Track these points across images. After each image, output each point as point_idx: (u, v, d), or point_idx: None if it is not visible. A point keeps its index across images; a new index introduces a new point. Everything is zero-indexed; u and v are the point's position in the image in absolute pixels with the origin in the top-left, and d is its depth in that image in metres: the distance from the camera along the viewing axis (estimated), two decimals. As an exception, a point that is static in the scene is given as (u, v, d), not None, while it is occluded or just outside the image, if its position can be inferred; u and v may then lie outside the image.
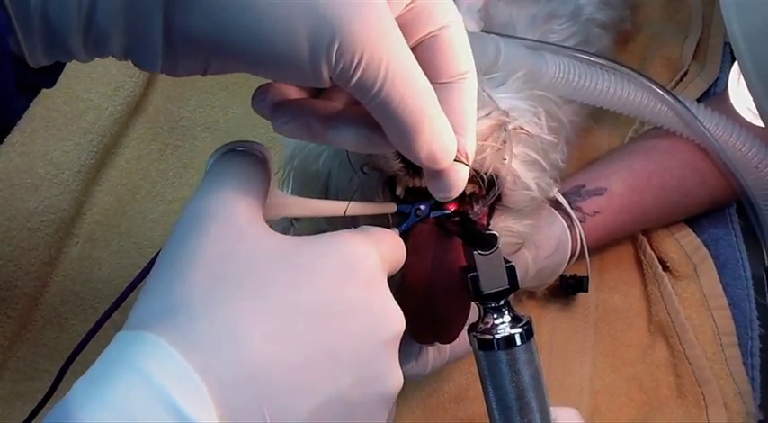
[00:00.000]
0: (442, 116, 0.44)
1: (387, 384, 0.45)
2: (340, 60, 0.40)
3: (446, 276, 0.61)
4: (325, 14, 0.39)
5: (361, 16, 0.40)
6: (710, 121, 0.83)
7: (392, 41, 0.41)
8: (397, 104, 0.42)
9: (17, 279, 0.91)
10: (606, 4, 0.96)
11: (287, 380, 0.40)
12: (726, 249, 0.93)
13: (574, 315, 0.91)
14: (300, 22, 0.39)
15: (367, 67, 0.40)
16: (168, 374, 0.38)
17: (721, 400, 0.85)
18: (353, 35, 0.40)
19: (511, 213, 0.69)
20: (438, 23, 0.44)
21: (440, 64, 0.45)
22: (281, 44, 0.40)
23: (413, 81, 0.42)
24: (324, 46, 0.40)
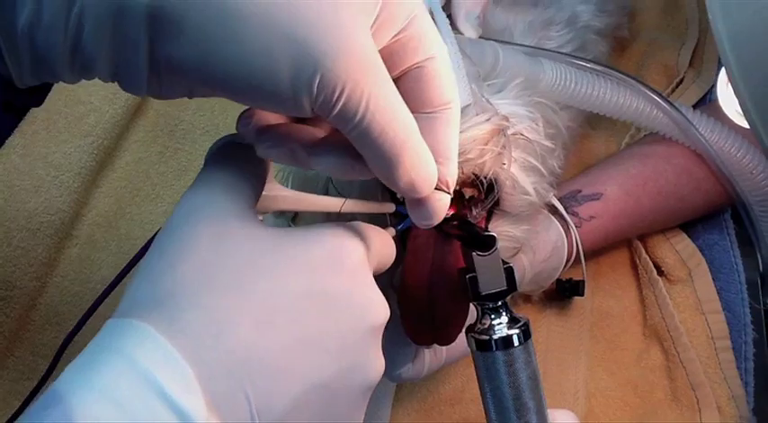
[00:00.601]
0: (423, 146, 0.45)
1: (369, 372, 0.46)
2: (321, 93, 0.40)
3: (445, 279, 0.62)
4: (308, 48, 0.39)
5: (344, 50, 0.40)
6: (706, 128, 0.84)
7: (374, 75, 0.41)
8: (377, 135, 0.42)
9: (16, 279, 0.92)
10: (603, 11, 0.96)
11: (271, 366, 0.42)
12: (720, 254, 0.94)
13: (569, 319, 0.92)
14: (282, 54, 0.40)
15: (348, 100, 0.41)
16: (155, 360, 0.39)
17: (715, 404, 0.86)
18: (335, 69, 0.40)
19: (508, 218, 0.70)
20: (424, 55, 0.45)
21: (424, 95, 0.45)
22: (262, 75, 0.40)
23: (394, 113, 0.43)
24: (305, 79, 0.40)
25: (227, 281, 0.42)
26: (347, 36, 0.40)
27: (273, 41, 0.39)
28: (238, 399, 0.40)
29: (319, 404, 0.44)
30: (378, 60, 0.42)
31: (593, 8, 0.95)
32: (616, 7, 1.01)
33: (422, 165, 0.45)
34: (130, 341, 0.40)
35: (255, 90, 0.41)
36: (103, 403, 0.37)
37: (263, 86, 0.41)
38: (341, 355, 0.44)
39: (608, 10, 0.98)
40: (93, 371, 0.39)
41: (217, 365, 0.40)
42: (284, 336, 0.42)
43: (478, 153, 0.62)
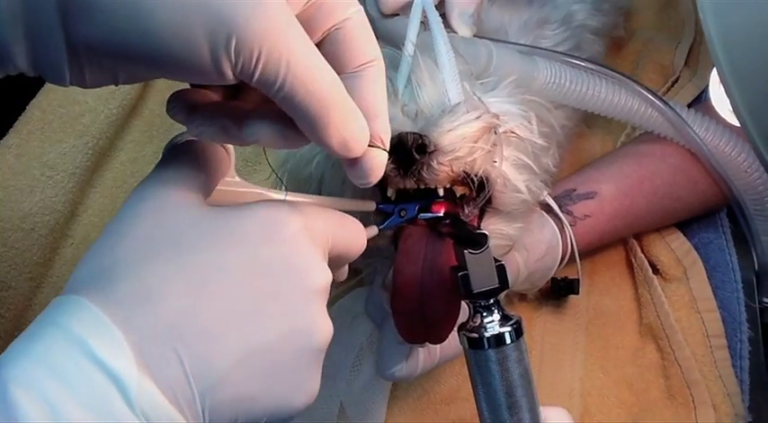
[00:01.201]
0: (350, 104, 0.46)
1: (314, 337, 0.47)
2: (239, 57, 0.41)
3: (436, 277, 0.62)
4: (220, 12, 0.40)
5: (257, 12, 0.40)
6: (701, 127, 0.84)
7: (290, 35, 0.42)
8: (302, 97, 0.43)
9: (11, 279, 0.92)
10: (598, 10, 0.97)
11: (207, 331, 0.43)
12: (716, 253, 0.94)
13: (565, 317, 0.92)
14: (196, 21, 0.40)
15: (267, 62, 0.41)
16: (87, 327, 0.41)
17: (710, 402, 0.86)
18: (250, 31, 0.40)
19: (501, 216, 0.70)
20: (340, 17, 0.46)
21: (346, 55, 0.46)
22: (179, 46, 0.40)
23: (316, 73, 0.43)
24: (222, 44, 0.40)
25: (163, 254, 0.44)
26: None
27: (186, 9, 0.40)
28: (171, 361, 0.42)
29: (262, 367, 0.45)
30: (293, 21, 0.42)
31: (588, 7, 0.95)
32: (612, 6, 1.01)
33: (351, 122, 0.45)
34: (65, 313, 0.42)
35: (176, 62, 0.41)
36: (36, 367, 0.40)
37: (182, 57, 0.41)
38: (281, 319, 0.46)
39: (604, 9, 0.98)
40: (30, 341, 0.41)
41: (148, 330, 0.42)
42: (219, 301, 0.44)
43: (468, 151, 0.62)
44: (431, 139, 0.61)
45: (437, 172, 0.62)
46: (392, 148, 0.61)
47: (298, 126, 0.45)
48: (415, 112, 0.64)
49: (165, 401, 0.42)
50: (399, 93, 0.65)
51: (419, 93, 0.65)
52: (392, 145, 0.61)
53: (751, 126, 0.61)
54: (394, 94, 0.64)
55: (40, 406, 0.39)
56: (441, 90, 0.65)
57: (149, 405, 0.41)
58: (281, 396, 0.47)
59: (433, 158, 0.62)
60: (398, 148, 0.61)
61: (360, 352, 0.82)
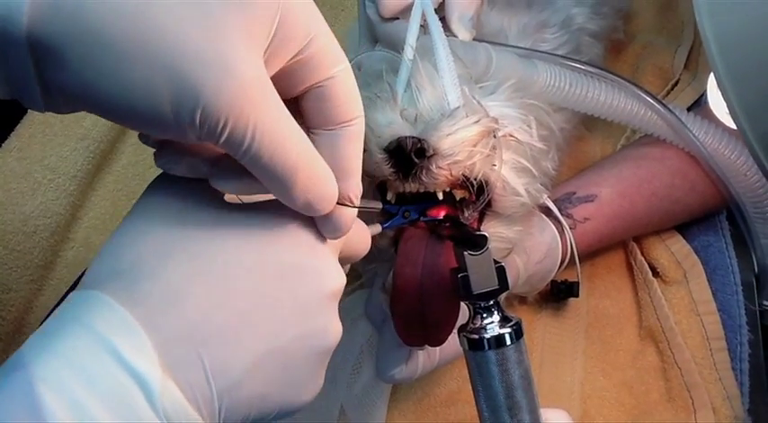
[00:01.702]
0: (318, 167, 0.46)
1: (326, 338, 0.49)
2: (204, 124, 0.40)
3: (436, 280, 0.62)
4: (188, 82, 0.39)
5: (226, 83, 0.40)
6: (700, 130, 0.84)
7: (260, 104, 0.41)
8: (267, 160, 0.43)
9: (13, 282, 0.92)
10: (598, 13, 0.97)
11: (226, 333, 0.44)
12: (716, 256, 0.94)
13: (565, 320, 0.92)
14: (162, 86, 0.39)
15: (233, 130, 0.41)
16: (112, 327, 0.41)
17: (710, 405, 0.86)
18: (217, 102, 0.40)
19: (501, 219, 0.70)
20: (324, 75, 0.45)
21: (325, 114, 0.46)
22: (144, 106, 0.40)
23: (283, 140, 0.43)
24: (187, 111, 0.40)
25: (186, 254, 0.45)
26: (230, 68, 0.40)
27: (153, 74, 0.39)
28: (193, 363, 0.43)
29: (276, 368, 0.46)
30: (265, 88, 0.42)
31: (588, 10, 0.95)
32: (611, 10, 1.01)
33: (317, 185, 0.46)
34: (90, 310, 0.42)
35: (139, 119, 0.41)
36: (63, 367, 0.40)
37: (146, 116, 0.41)
38: (297, 322, 0.47)
39: (603, 12, 0.98)
40: (54, 338, 0.41)
41: (171, 332, 0.43)
42: (239, 303, 0.45)
43: (467, 155, 0.62)
44: (430, 143, 0.61)
45: (436, 176, 0.62)
46: (392, 153, 0.61)
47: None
48: (415, 116, 0.64)
49: (185, 402, 0.43)
50: (399, 97, 0.65)
51: (419, 97, 0.65)
52: (391, 149, 0.61)
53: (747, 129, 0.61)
54: (393, 98, 0.64)
55: (67, 406, 0.39)
56: (440, 94, 0.65)
57: (171, 406, 0.42)
58: (291, 394, 0.48)
59: (433, 162, 0.62)
60: (398, 153, 0.61)
61: (360, 354, 0.82)
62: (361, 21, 0.78)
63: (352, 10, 1.14)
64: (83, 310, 0.43)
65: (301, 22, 0.43)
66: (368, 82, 0.73)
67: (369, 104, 0.66)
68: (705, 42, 0.60)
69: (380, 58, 0.74)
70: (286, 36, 0.43)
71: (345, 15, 1.15)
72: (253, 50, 0.41)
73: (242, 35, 0.41)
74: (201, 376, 0.43)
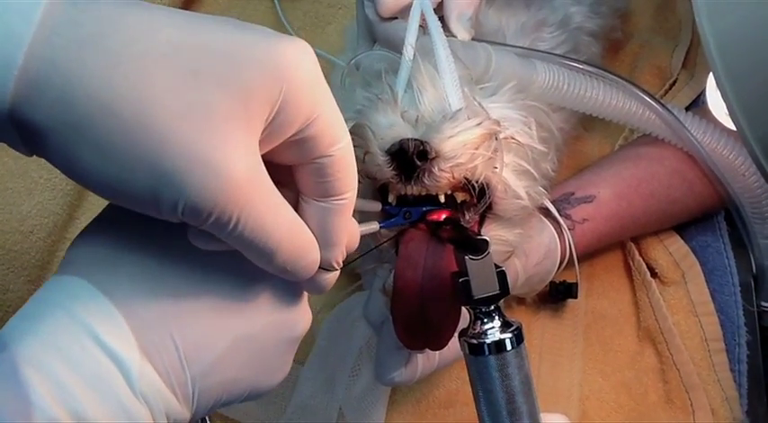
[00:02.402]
0: (301, 239, 0.46)
1: (296, 328, 0.51)
2: (186, 214, 0.41)
3: (437, 283, 0.62)
4: (171, 178, 0.39)
5: (211, 180, 0.39)
6: (698, 129, 0.84)
7: (246, 200, 0.41)
8: (249, 242, 0.43)
9: (10, 282, 0.91)
10: (596, 12, 0.96)
11: (199, 320, 0.46)
12: (714, 256, 0.94)
13: (563, 321, 0.92)
14: (145, 181, 0.39)
15: (217, 220, 0.41)
16: (92, 312, 0.43)
17: (708, 406, 0.86)
18: (201, 199, 0.40)
19: (501, 222, 0.70)
20: (323, 153, 0.45)
21: (318, 188, 0.46)
22: (126, 190, 0.40)
23: (269, 224, 0.43)
24: (169, 205, 0.40)
25: (160, 241, 0.46)
26: (218, 166, 0.40)
27: (136, 169, 0.39)
28: (168, 348, 0.45)
29: (248, 354, 0.48)
30: (255, 183, 0.42)
31: (586, 10, 0.95)
32: (609, 9, 1.01)
33: (299, 258, 0.46)
34: (70, 295, 0.44)
35: (121, 199, 0.42)
36: (46, 349, 0.42)
37: (127, 200, 0.41)
38: (268, 311, 0.49)
39: (601, 12, 0.98)
40: (36, 322, 0.43)
41: (148, 316, 0.45)
42: (212, 291, 0.47)
43: (469, 157, 0.62)
44: (432, 145, 0.61)
45: (438, 178, 0.62)
46: (394, 155, 0.61)
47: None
48: (416, 117, 0.63)
49: (162, 385, 0.44)
50: (399, 98, 0.65)
51: (420, 98, 0.65)
52: (393, 151, 0.61)
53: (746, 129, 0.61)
54: (394, 99, 0.64)
55: (51, 387, 0.41)
56: (441, 95, 0.65)
57: (148, 388, 0.44)
58: (261, 378, 0.50)
59: (435, 165, 0.62)
60: (400, 155, 0.61)
61: (359, 357, 0.82)
62: (360, 20, 0.78)
63: (349, 8, 1.13)
64: (62, 294, 0.44)
65: (304, 106, 0.42)
66: (367, 81, 0.73)
67: (369, 105, 0.65)
68: (704, 43, 0.60)
69: (379, 58, 0.74)
70: (286, 120, 0.42)
71: (343, 14, 1.14)
72: (246, 139, 0.41)
73: (237, 125, 0.40)
74: (176, 361, 0.45)
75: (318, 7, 1.15)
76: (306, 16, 1.15)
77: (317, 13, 1.15)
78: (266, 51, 0.41)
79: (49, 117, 0.39)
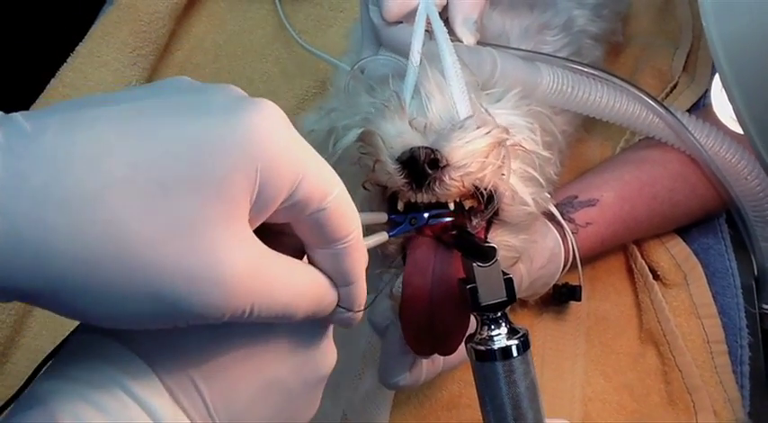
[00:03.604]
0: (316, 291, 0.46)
1: (322, 366, 0.50)
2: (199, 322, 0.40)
3: (446, 289, 0.62)
4: (175, 305, 0.39)
5: (215, 289, 0.39)
6: (700, 132, 0.84)
7: (252, 288, 0.41)
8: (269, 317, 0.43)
9: (12, 286, 0.91)
10: (598, 16, 0.97)
11: (227, 369, 0.45)
12: (715, 258, 0.94)
13: (565, 323, 0.92)
14: (152, 310, 0.39)
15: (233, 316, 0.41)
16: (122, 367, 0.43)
17: (711, 408, 0.86)
18: (212, 308, 0.39)
19: (508, 228, 0.70)
20: (317, 208, 0.43)
21: (325, 235, 0.45)
22: (139, 321, 0.40)
23: (282, 298, 0.43)
24: (185, 323, 0.40)
25: None
26: (215, 274, 0.39)
27: (139, 301, 0.38)
28: (196, 400, 0.44)
29: (275, 398, 0.48)
30: (258, 272, 0.41)
31: (588, 13, 0.95)
32: (611, 12, 1.01)
33: (314, 306, 0.46)
34: (100, 352, 0.43)
35: (138, 326, 0.41)
36: (83, 404, 0.41)
37: (144, 325, 0.41)
38: (293, 353, 0.48)
39: (603, 15, 0.98)
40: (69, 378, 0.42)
41: (176, 373, 0.44)
42: (236, 340, 0.46)
43: (479, 166, 0.62)
44: (443, 154, 0.61)
45: (449, 187, 0.62)
46: (404, 163, 0.61)
47: None
48: (424, 125, 0.63)
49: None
50: (407, 105, 0.65)
51: (428, 105, 0.65)
52: (404, 160, 0.61)
53: (753, 132, 0.61)
54: (401, 106, 0.64)
55: None
56: (449, 102, 0.65)
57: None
58: (289, 418, 0.49)
59: (446, 173, 0.62)
60: (411, 163, 0.61)
61: (363, 360, 0.82)
62: (365, 24, 0.78)
63: (351, 11, 1.13)
64: (92, 350, 0.44)
65: (285, 174, 0.40)
66: (371, 86, 0.73)
67: (376, 112, 0.65)
68: (712, 47, 0.60)
69: (385, 63, 0.74)
70: (270, 195, 0.41)
71: (344, 17, 1.14)
72: (236, 233, 0.40)
73: (222, 224, 0.39)
74: (204, 412, 0.45)
75: (320, 10, 1.16)
76: (307, 19, 1.15)
77: (318, 16, 1.15)
78: (231, 134, 0.39)
79: (31, 281, 0.37)
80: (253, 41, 1.14)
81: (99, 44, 1.07)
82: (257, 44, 1.14)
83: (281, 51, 1.14)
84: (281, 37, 1.14)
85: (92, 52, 1.07)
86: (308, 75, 1.11)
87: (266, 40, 1.14)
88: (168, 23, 1.11)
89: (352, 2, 1.13)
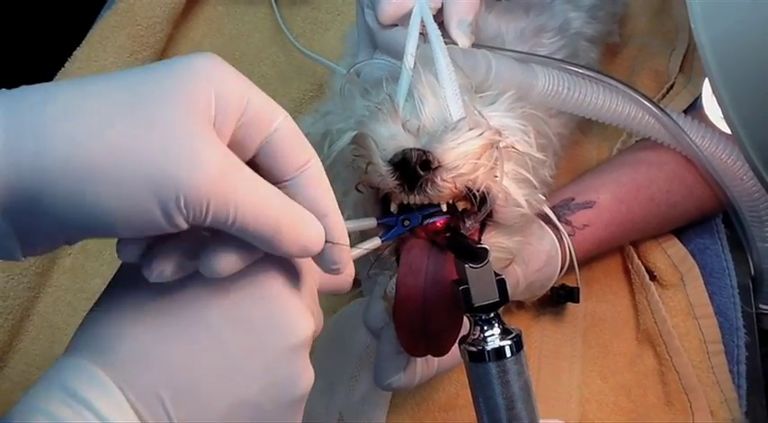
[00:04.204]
0: (298, 216, 0.48)
1: (297, 386, 0.50)
2: (190, 211, 0.43)
3: (439, 291, 0.62)
4: (164, 178, 0.42)
5: (197, 174, 0.43)
6: (697, 133, 0.84)
7: (232, 182, 0.44)
8: (253, 227, 0.45)
9: (10, 289, 0.92)
10: (594, 17, 0.97)
11: (194, 389, 0.47)
12: (712, 259, 0.94)
13: (562, 324, 0.92)
14: (145, 192, 0.42)
15: (216, 210, 0.44)
16: (92, 389, 0.45)
17: (708, 408, 0.86)
18: (195, 189, 0.43)
19: (501, 229, 0.70)
20: (267, 131, 0.48)
21: (280, 165, 0.49)
22: (135, 215, 0.43)
23: (262, 204, 0.46)
24: (172, 204, 0.43)
25: (156, 317, 0.47)
26: (196, 154, 0.43)
27: (131, 183, 0.42)
28: (162, 419, 0.46)
29: (247, 418, 0.48)
30: (233, 164, 0.45)
31: (584, 15, 0.95)
32: (607, 14, 1.01)
33: (303, 231, 0.48)
34: (71, 375, 0.46)
35: (135, 228, 0.44)
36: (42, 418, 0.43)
37: (138, 223, 0.43)
38: (266, 373, 0.49)
39: (599, 17, 0.98)
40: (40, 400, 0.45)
41: (144, 392, 0.46)
42: (206, 359, 0.47)
43: (472, 167, 0.62)
44: (435, 155, 0.61)
45: (441, 188, 0.62)
46: (396, 165, 0.61)
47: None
48: (417, 127, 0.64)
49: None
50: (400, 108, 0.65)
51: (421, 108, 0.65)
52: (396, 161, 0.61)
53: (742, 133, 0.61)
54: (395, 109, 0.64)
55: None
56: (442, 105, 0.65)
57: None
58: None
59: (438, 175, 0.62)
60: (403, 165, 0.61)
61: (358, 362, 0.82)
62: (360, 27, 0.78)
63: (348, 14, 1.14)
64: (64, 374, 0.46)
65: (234, 95, 0.46)
66: (366, 90, 0.73)
67: (370, 115, 0.66)
68: (700, 48, 0.60)
69: (380, 66, 0.74)
70: (226, 110, 0.46)
71: (341, 20, 1.15)
72: (209, 139, 0.44)
73: (197, 128, 0.44)
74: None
75: (317, 14, 1.16)
76: (305, 22, 1.15)
77: (315, 20, 1.16)
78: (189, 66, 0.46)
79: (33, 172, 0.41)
80: (250, 45, 1.15)
81: (97, 48, 1.08)
82: (254, 48, 1.15)
83: (278, 55, 1.14)
84: (279, 40, 1.14)
85: (90, 57, 1.07)
86: (305, 78, 1.11)
87: (263, 44, 1.15)
88: (166, 28, 1.11)
89: (349, 5, 1.14)
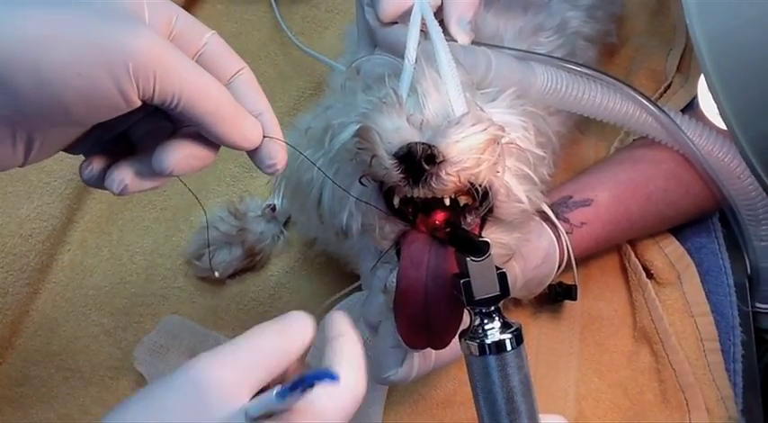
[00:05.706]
0: (238, 106, 0.54)
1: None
2: (139, 79, 0.48)
3: (441, 284, 0.63)
4: (113, 46, 0.48)
5: (141, 40, 0.48)
6: (694, 132, 0.84)
7: (174, 56, 0.50)
8: (198, 104, 0.51)
9: (9, 285, 0.92)
10: (592, 17, 0.97)
11: None
12: (709, 257, 0.95)
13: (560, 322, 0.93)
14: (96, 58, 0.47)
15: (163, 80, 0.49)
16: None
17: (704, 405, 0.87)
18: (141, 56, 0.48)
19: (501, 225, 0.70)
20: (199, 44, 0.55)
21: (215, 73, 0.54)
22: (90, 89, 0.48)
23: (204, 82, 0.52)
24: (122, 72, 0.48)
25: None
26: (138, 26, 0.49)
27: (81, 53, 0.47)
28: None
29: None
30: (172, 45, 0.51)
31: (582, 14, 0.95)
32: (605, 14, 1.01)
33: (244, 118, 0.54)
34: None
35: (88, 104, 0.49)
36: None
37: (94, 99, 0.48)
38: None
39: (597, 16, 0.98)
40: None
41: None
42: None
43: (475, 162, 0.62)
44: (440, 149, 0.61)
45: (445, 182, 0.62)
46: (401, 158, 0.62)
47: (203, 134, 0.54)
48: (421, 121, 0.64)
49: None
50: (404, 102, 0.65)
51: (425, 102, 0.65)
52: (401, 155, 0.61)
53: (738, 130, 0.61)
54: (398, 103, 0.65)
55: None
56: (445, 100, 0.65)
57: None
58: None
59: (442, 169, 0.62)
60: (408, 159, 0.61)
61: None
62: (360, 25, 0.78)
63: (347, 13, 1.14)
64: None
65: (162, 10, 0.53)
66: (368, 85, 0.73)
67: (373, 109, 0.66)
68: (696, 46, 0.60)
69: (380, 62, 0.75)
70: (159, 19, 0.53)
71: (340, 18, 1.15)
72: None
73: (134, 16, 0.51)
74: None
75: (316, 12, 1.16)
76: (304, 21, 1.15)
77: (314, 18, 1.16)
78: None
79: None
80: (249, 43, 1.15)
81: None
82: (254, 46, 1.15)
83: (277, 53, 1.14)
84: (278, 39, 1.14)
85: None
86: (305, 76, 1.11)
87: (263, 42, 1.15)
88: (165, 26, 1.11)
89: (349, 3, 1.14)
